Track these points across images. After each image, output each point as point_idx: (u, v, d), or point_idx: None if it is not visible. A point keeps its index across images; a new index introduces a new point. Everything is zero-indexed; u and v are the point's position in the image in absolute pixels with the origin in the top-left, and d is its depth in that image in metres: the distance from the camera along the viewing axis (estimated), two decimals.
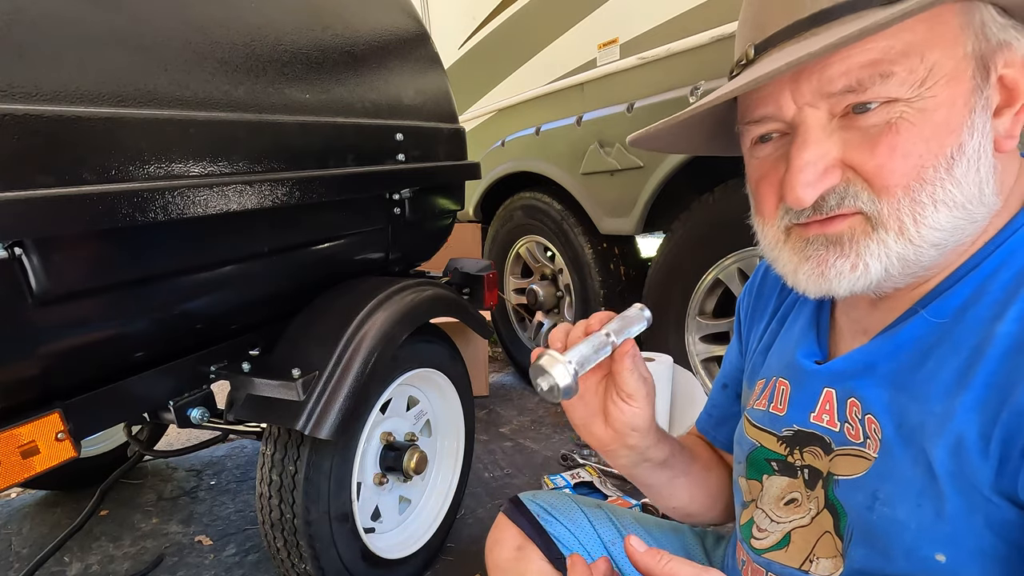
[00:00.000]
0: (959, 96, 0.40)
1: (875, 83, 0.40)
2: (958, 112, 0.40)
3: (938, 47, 0.40)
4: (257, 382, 1.09)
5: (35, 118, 0.72)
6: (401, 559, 1.35)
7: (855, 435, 0.50)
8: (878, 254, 0.43)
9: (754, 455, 0.61)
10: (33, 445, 0.80)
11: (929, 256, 0.43)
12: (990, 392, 0.40)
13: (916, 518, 0.43)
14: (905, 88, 0.40)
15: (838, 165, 0.43)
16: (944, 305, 0.46)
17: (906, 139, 0.41)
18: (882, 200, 0.42)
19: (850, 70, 0.41)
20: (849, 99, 0.42)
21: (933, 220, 0.41)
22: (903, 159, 0.41)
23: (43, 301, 0.78)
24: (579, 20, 2.05)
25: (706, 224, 1.71)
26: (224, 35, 1.03)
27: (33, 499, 1.86)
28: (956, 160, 0.41)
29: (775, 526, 0.56)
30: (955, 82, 0.40)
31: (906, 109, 0.40)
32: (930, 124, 0.40)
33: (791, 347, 0.60)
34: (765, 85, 0.45)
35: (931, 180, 0.41)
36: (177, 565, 1.51)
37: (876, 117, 0.41)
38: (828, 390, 0.53)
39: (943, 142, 0.40)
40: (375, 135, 1.33)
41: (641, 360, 0.57)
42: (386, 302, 1.24)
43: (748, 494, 0.62)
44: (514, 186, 2.57)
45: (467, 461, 1.58)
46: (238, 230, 1.05)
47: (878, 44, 0.40)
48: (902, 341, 0.48)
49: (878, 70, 0.40)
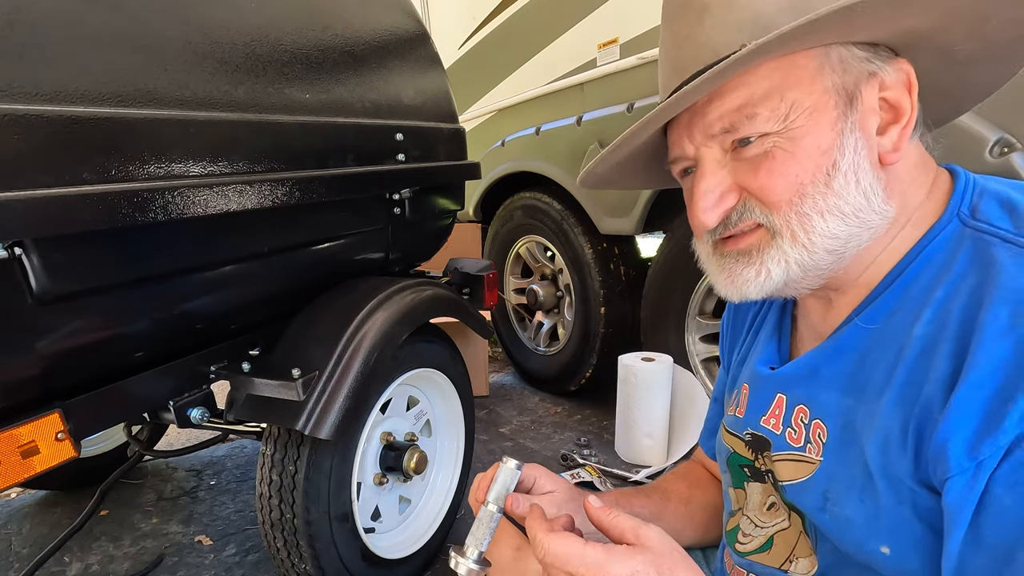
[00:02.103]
0: (824, 124, 0.47)
1: (743, 123, 0.47)
2: (825, 136, 0.47)
3: (795, 88, 0.46)
4: (257, 382, 1.09)
5: (35, 118, 0.72)
6: (401, 559, 1.35)
7: (796, 439, 0.54)
8: (778, 259, 0.49)
9: (731, 461, 0.65)
10: (33, 445, 0.80)
11: (827, 261, 0.49)
12: (907, 389, 0.45)
13: (861, 514, 0.47)
14: (772, 123, 0.47)
15: (734, 189, 0.50)
16: (875, 312, 0.50)
17: (781, 163, 0.47)
18: (773, 213, 0.49)
19: (723, 115, 0.48)
20: (730, 137, 0.49)
21: (823, 228, 0.47)
22: (781, 178, 0.47)
23: (43, 301, 0.78)
24: (579, 20, 2.05)
25: None
26: (224, 35, 1.03)
27: (33, 499, 1.86)
28: (832, 176, 0.47)
29: (759, 530, 0.59)
30: (818, 113, 0.46)
31: (778, 139, 0.47)
32: (800, 149, 0.47)
33: (755, 355, 0.64)
34: (673, 131, 0.54)
35: (811, 194, 0.47)
36: (177, 565, 1.51)
37: (756, 148, 0.48)
38: (780, 395, 0.57)
39: (817, 162, 0.47)
40: (375, 135, 1.33)
41: (523, 499, 0.61)
42: (386, 302, 1.24)
43: (736, 503, 0.64)
44: (514, 186, 2.57)
45: (467, 461, 1.58)
46: (238, 230, 1.05)
47: (741, 92, 0.47)
48: (841, 346, 0.52)
49: (744, 113, 0.47)
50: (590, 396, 2.46)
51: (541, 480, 0.65)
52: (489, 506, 0.58)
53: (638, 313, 2.07)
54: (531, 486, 0.65)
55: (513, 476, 0.59)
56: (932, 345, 0.44)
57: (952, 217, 0.48)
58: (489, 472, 0.62)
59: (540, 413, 2.39)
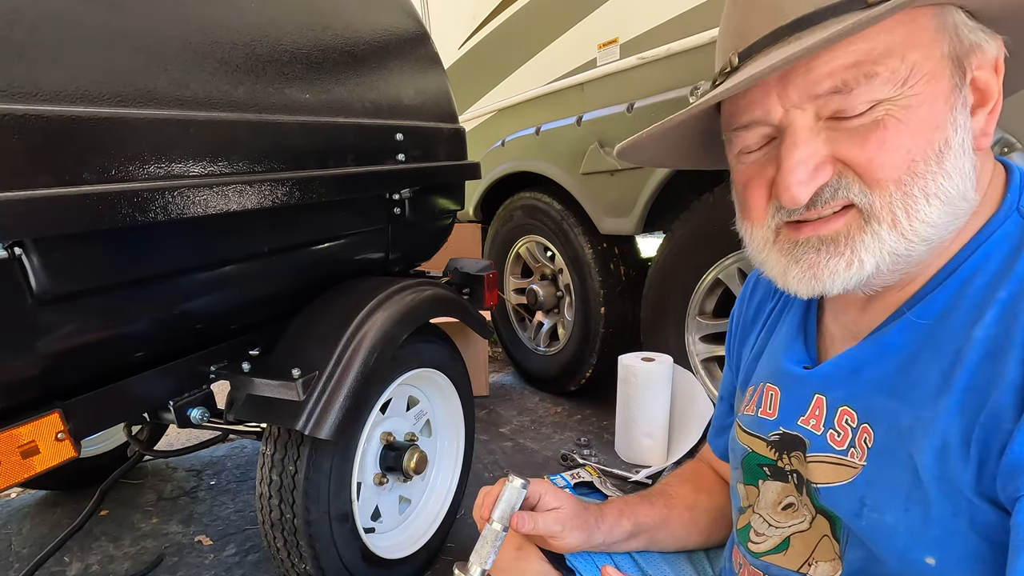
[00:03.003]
0: (940, 94, 0.42)
1: (860, 83, 0.41)
2: (940, 109, 0.42)
3: (917, 48, 0.41)
4: (257, 382, 1.09)
5: (35, 118, 0.72)
6: (401, 559, 1.35)
7: (839, 443, 0.50)
8: (873, 248, 0.44)
9: (747, 460, 0.62)
10: (33, 445, 0.80)
11: (918, 252, 0.44)
12: (969, 396, 0.41)
13: (905, 522, 0.43)
14: (888, 88, 0.41)
15: (829, 161, 0.44)
16: (928, 307, 0.46)
17: (894, 134, 0.41)
18: (874, 193, 0.43)
19: (835, 71, 0.41)
20: (835, 101, 0.42)
21: (925, 214, 0.42)
22: (893, 152, 0.41)
23: (43, 301, 0.78)
24: (579, 20, 2.05)
25: (706, 224, 1.71)
26: (224, 35, 1.03)
27: (33, 499, 1.86)
28: (945, 154, 0.42)
29: (773, 530, 0.57)
30: (935, 81, 0.41)
31: (891, 107, 0.41)
32: (915, 119, 0.41)
33: (779, 352, 0.61)
34: (751, 90, 0.46)
35: (922, 173, 0.42)
36: (177, 565, 1.51)
37: (863, 118, 0.42)
38: (818, 396, 0.53)
39: (930, 137, 0.41)
40: (375, 135, 1.33)
41: (529, 517, 0.62)
42: (386, 302, 1.24)
43: (746, 499, 0.62)
44: (514, 186, 2.57)
45: (467, 461, 1.58)
46: (238, 230, 1.05)
47: (860, 46, 0.41)
48: (888, 344, 0.48)
49: (862, 71, 0.41)
50: (590, 396, 2.46)
51: (546, 497, 0.65)
52: (494, 524, 0.58)
53: (638, 313, 2.07)
54: (536, 502, 0.65)
55: (519, 495, 0.59)
56: (998, 350, 0.40)
57: (1011, 212, 0.45)
58: (494, 488, 0.62)
59: (540, 413, 2.39)
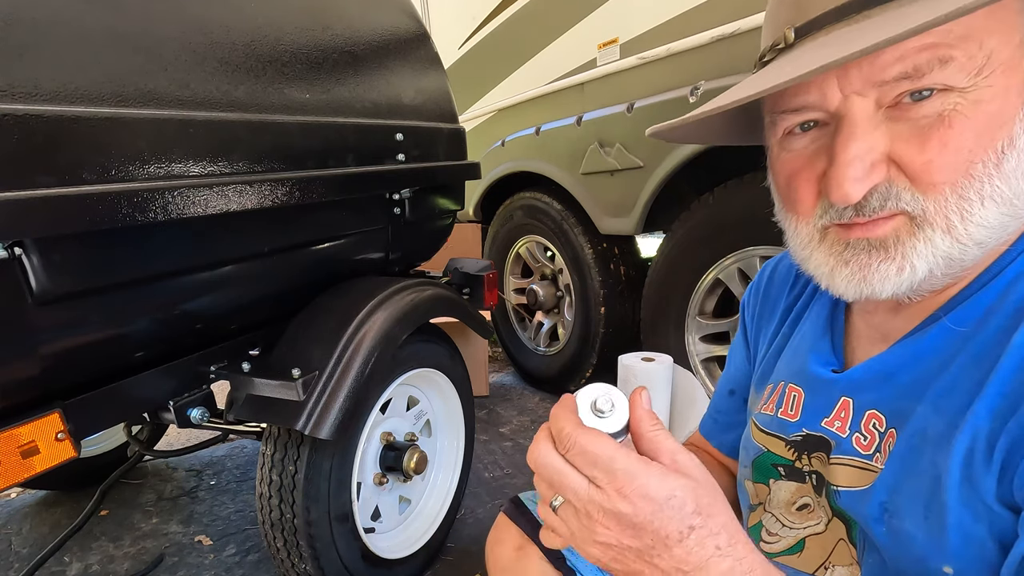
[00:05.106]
0: (1013, 86, 0.38)
1: (933, 69, 0.37)
2: (1011, 103, 0.38)
3: (996, 33, 0.37)
4: (257, 382, 1.09)
5: (35, 118, 0.72)
6: (401, 559, 1.35)
7: (865, 446, 0.48)
8: (925, 254, 0.41)
9: (760, 460, 0.60)
10: (33, 445, 0.80)
11: (972, 255, 0.41)
12: (1001, 402, 0.39)
13: (924, 529, 0.42)
14: (963, 76, 0.37)
15: (884, 160, 0.40)
16: (966, 313, 0.44)
17: (958, 133, 0.38)
18: (928, 198, 0.40)
19: (906, 55, 0.37)
20: (903, 86, 0.38)
21: (981, 217, 0.39)
22: (954, 155, 0.38)
23: (43, 301, 0.78)
24: (579, 20, 2.05)
25: (706, 224, 1.71)
26: (224, 35, 1.03)
27: (33, 499, 1.86)
28: (1006, 154, 0.38)
29: (787, 531, 0.56)
30: (1011, 71, 0.37)
31: (960, 100, 0.38)
32: (983, 116, 0.38)
33: (803, 352, 0.59)
34: None
35: (979, 176, 0.38)
36: (177, 565, 1.51)
37: (929, 107, 0.38)
38: (845, 399, 0.52)
39: (994, 135, 0.38)
40: (375, 135, 1.33)
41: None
42: (386, 302, 1.24)
43: (755, 497, 0.61)
44: (514, 186, 2.57)
45: (467, 461, 1.58)
46: (238, 230, 1.05)
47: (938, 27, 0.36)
48: (923, 350, 0.46)
49: (937, 54, 0.37)
50: None
51: None
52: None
53: (638, 313, 2.07)
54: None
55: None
56: None
57: None
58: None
59: (540, 413, 2.39)
